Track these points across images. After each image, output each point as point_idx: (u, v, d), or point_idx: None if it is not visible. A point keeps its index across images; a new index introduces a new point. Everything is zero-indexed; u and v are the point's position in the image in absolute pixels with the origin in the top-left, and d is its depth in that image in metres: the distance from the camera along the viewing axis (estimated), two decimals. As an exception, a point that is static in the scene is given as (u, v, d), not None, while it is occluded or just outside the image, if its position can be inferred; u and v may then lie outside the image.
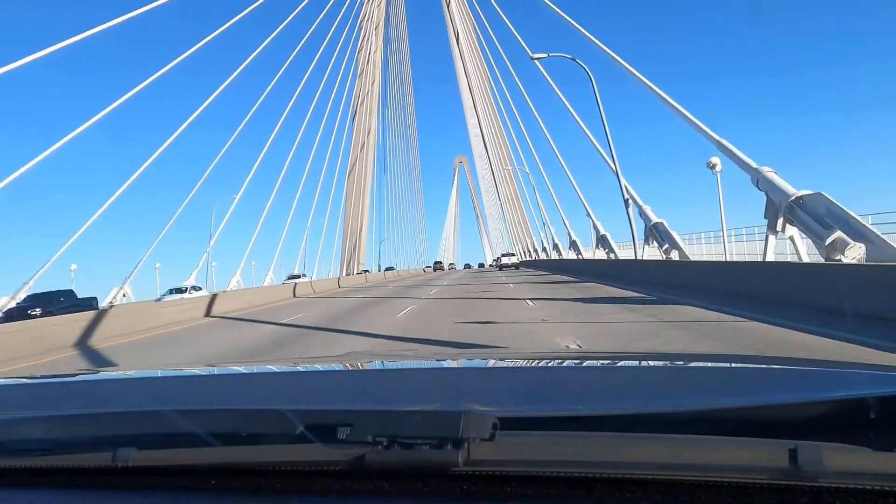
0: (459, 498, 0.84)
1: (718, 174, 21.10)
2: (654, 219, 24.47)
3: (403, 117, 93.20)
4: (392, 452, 0.84)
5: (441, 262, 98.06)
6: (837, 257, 11.69)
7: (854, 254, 11.44)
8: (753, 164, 16.35)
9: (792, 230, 14.39)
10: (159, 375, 1.75)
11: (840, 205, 12.71)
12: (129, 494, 0.94)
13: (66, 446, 0.98)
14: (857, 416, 0.83)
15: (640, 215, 25.17)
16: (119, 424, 1.02)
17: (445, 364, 1.83)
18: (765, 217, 15.53)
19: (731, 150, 17.77)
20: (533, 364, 1.72)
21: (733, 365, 1.50)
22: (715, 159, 20.60)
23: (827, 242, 12.02)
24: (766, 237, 15.37)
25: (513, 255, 62.26)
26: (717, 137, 18.62)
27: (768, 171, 15.47)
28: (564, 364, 1.66)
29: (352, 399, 1.23)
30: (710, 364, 1.59)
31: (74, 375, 1.70)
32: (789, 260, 16.33)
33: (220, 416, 0.99)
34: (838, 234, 11.92)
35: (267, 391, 1.42)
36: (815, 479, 0.75)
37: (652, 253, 25.21)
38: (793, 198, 14.09)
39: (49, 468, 0.97)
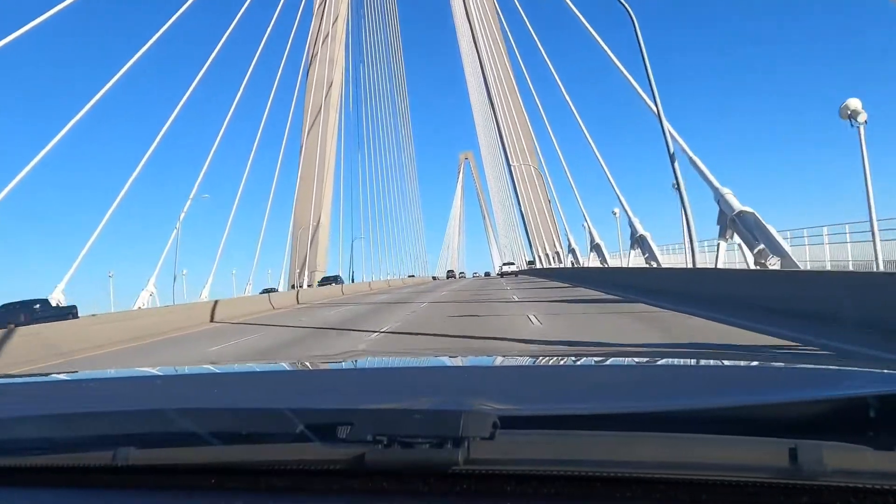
0: (459, 497, 0.84)
1: (862, 127, 13.17)
2: (738, 206, 15.96)
3: (389, 82, 77.05)
4: (392, 452, 0.83)
5: (453, 271, 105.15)
6: None
7: None
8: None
9: None
10: (159, 375, 1.75)
11: None
12: (129, 494, 0.94)
13: (66, 446, 0.97)
14: (857, 415, 0.82)
15: (718, 202, 16.67)
16: (119, 424, 1.01)
17: (445, 363, 1.83)
18: None
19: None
20: (533, 363, 1.69)
21: (734, 364, 1.49)
22: (854, 102, 13.12)
23: None
24: None
25: (512, 263, 74.12)
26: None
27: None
28: (565, 363, 1.66)
29: (352, 398, 1.22)
30: (710, 363, 1.58)
31: (74, 375, 1.77)
32: None
33: (220, 416, 0.99)
34: None
35: (267, 391, 1.43)
36: (815, 478, 0.74)
37: (726, 257, 18.22)
38: None
39: (49, 468, 0.97)
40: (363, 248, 63.33)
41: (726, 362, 1.55)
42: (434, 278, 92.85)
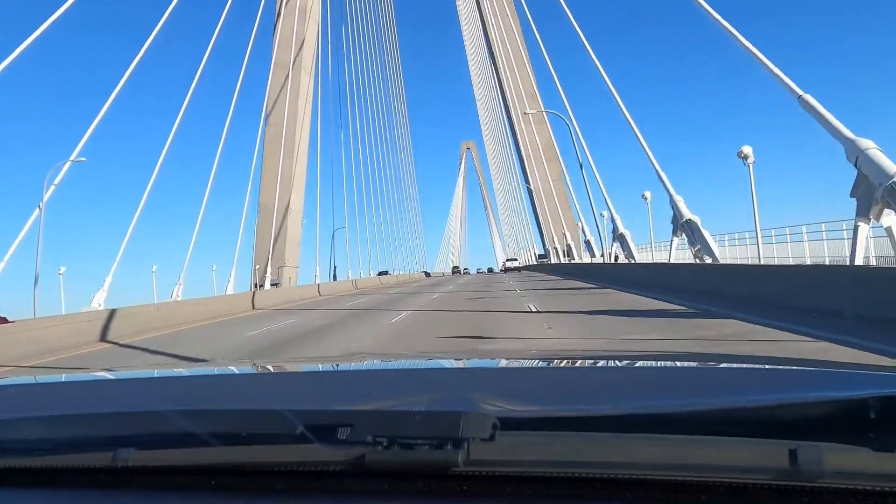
0: (459, 498, 0.84)
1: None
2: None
3: (380, 51, 66.45)
4: (392, 452, 0.83)
5: (458, 267, 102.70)
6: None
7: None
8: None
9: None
10: (159, 375, 1.75)
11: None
12: (130, 494, 0.94)
13: (66, 446, 0.97)
14: (857, 416, 0.82)
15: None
16: (119, 424, 1.01)
17: (445, 364, 1.83)
18: None
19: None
20: (533, 364, 1.69)
21: (733, 365, 1.48)
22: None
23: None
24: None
25: (515, 259, 75.25)
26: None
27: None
28: (564, 364, 1.64)
29: (352, 399, 1.21)
30: (710, 364, 1.57)
31: (74, 375, 1.76)
32: None
33: (220, 416, 0.99)
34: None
35: (267, 391, 1.43)
36: (815, 479, 0.74)
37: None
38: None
39: (49, 468, 0.97)
40: (347, 241, 52.63)
41: (726, 364, 1.54)
42: (427, 274, 78.73)
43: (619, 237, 27.46)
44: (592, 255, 36.24)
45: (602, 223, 32.48)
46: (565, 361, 1.71)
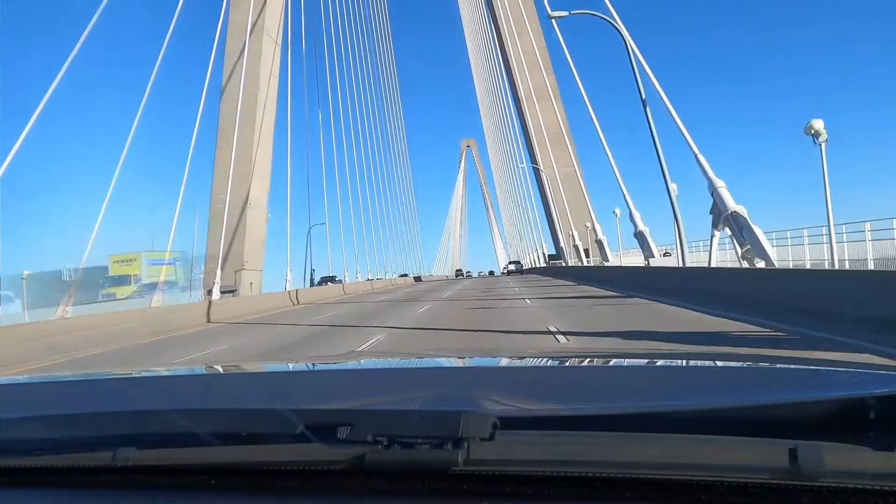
0: (459, 497, 0.84)
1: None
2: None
3: (366, 17, 60.16)
4: (392, 452, 0.84)
5: (461, 270, 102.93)
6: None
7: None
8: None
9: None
10: (159, 375, 1.76)
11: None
12: (130, 494, 0.94)
13: (66, 446, 0.97)
14: (857, 416, 0.82)
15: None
16: (119, 424, 1.01)
17: (445, 364, 1.82)
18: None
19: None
20: (533, 364, 1.70)
21: (733, 364, 1.48)
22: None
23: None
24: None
25: (518, 262, 72.72)
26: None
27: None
28: (565, 364, 1.64)
29: (352, 399, 1.21)
30: (710, 364, 1.57)
31: (74, 375, 1.74)
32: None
33: (219, 416, 0.99)
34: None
35: (267, 391, 1.43)
36: (815, 478, 0.75)
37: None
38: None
39: (49, 468, 0.97)
40: (328, 240, 45.55)
41: (726, 363, 1.54)
42: (417, 279, 68.88)
43: (728, 218, 16.41)
44: (650, 255, 24.95)
45: (669, 205, 21.68)
46: (565, 361, 1.71)
